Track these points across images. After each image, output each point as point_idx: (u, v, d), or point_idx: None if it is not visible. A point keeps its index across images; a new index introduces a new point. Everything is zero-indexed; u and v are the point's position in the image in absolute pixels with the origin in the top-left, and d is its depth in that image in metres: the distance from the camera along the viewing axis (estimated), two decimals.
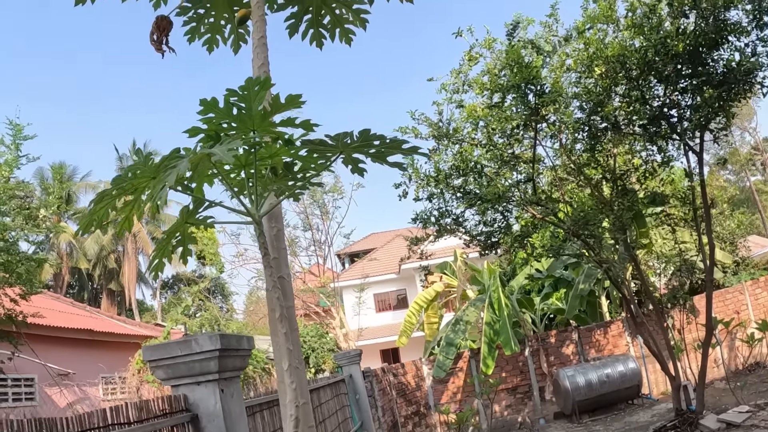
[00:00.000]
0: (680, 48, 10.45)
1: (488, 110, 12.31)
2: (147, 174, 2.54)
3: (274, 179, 2.77)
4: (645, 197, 13.71)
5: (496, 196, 11.87)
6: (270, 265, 2.61)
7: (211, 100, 2.40)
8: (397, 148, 2.64)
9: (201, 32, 5.83)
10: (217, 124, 2.49)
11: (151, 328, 23.39)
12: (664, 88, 11.43)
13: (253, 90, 2.41)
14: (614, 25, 11.88)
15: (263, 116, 2.46)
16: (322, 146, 2.57)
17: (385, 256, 33.81)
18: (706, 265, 12.51)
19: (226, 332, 22.97)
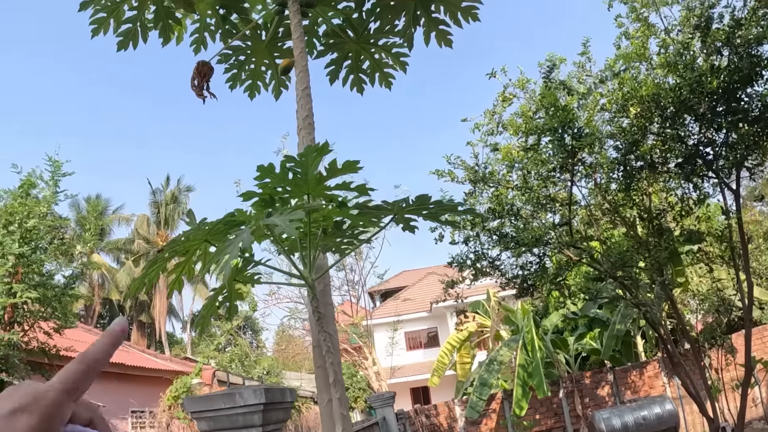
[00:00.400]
0: (714, 85, 10.35)
1: (524, 152, 12.26)
2: (199, 236, 2.53)
3: (323, 237, 2.74)
4: (680, 235, 13.50)
5: (533, 240, 11.76)
6: (324, 329, 2.56)
7: (267, 166, 2.39)
8: (453, 210, 2.60)
9: (242, 79, 5.90)
10: (272, 188, 2.47)
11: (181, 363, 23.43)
12: (699, 125, 11.31)
13: (311, 156, 2.40)
14: (647, 62, 11.82)
15: (319, 180, 2.45)
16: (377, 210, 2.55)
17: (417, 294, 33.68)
18: (744, 303, 12.22)
19: (271, 384, 22.99)
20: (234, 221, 2.38)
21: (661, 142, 11.56)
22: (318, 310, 2.63)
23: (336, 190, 2.57)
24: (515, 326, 19.92)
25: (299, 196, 2.53)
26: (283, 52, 5.96)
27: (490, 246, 13.24)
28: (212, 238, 2.51)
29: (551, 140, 11.39)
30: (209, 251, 2.74)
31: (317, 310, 2.62)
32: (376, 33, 5.57)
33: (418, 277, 37.04)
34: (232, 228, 2.44)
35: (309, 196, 2.52)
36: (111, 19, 5.54)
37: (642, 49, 11.64)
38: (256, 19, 6.02)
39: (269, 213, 2.36)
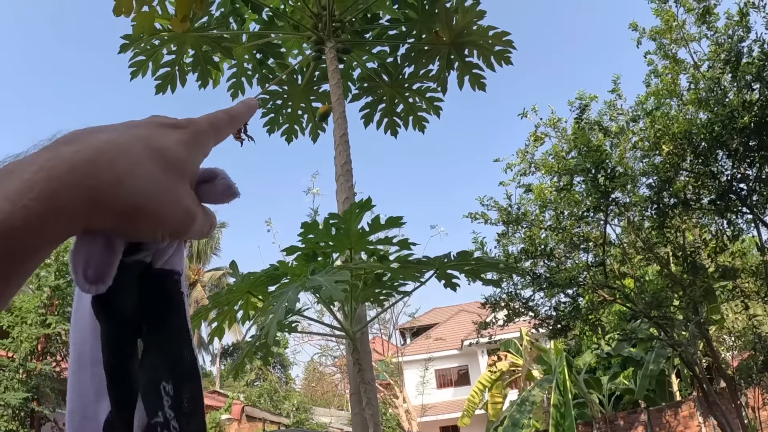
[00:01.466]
0: (746, 120, 10.27)
1: (556, 193, 12.22)
2: (242, 288, 2.58)
3: (363, 288, 2.77)
4: (715, 272, 13.27)
5: (566, 280, 11.65)
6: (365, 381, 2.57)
7: (312, 223, 2.43)
8: (494, 268, 2.61)
9: (280, 122, 6.01)
10: (314, 243, 2.51)
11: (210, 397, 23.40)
12: (732, 161, 11.20)
13: (354, 213, 2.43)
14: (678, 99, 11.78)
15: (361, 236, 2.48)
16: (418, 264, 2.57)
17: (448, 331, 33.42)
18: None
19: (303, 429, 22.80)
20: (277, 274, 2.42)
21: (694, 179, 11.45)
22: (359, 363, 2.64)
23: (378, 245, 2.60)
24: (548, 366, 19.65)
25: (341, 250, 2.56)
26: (319, 95, 6.08)
27: (523, 286, 13.12)
28: (255, 290, 2.56)
29: (584, 180, 11.33)
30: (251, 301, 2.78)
31: (358, 362, 2.64)
32: (410, 77, 5.66)
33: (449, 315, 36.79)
34: (274, 281, 2.48)
35: (351, 251, 2.56)
36: (150, 62, 5.71)
37: (672, 86, 11.60)
38: (292, 64, 6.16)
39: (313, 270, 2.39)
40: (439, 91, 5.70)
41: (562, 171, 11.91)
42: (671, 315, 12.21)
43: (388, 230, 2.61)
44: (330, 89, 4.87)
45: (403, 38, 5.62)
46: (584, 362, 20.11)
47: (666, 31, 11.64)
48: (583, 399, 18.53)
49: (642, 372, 17.72)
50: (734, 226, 12.07)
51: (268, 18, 5.96)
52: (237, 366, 3.31)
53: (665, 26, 11.60)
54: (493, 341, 14.19)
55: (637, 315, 12.44)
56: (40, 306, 11.63)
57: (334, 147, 4.20)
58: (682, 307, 12.37)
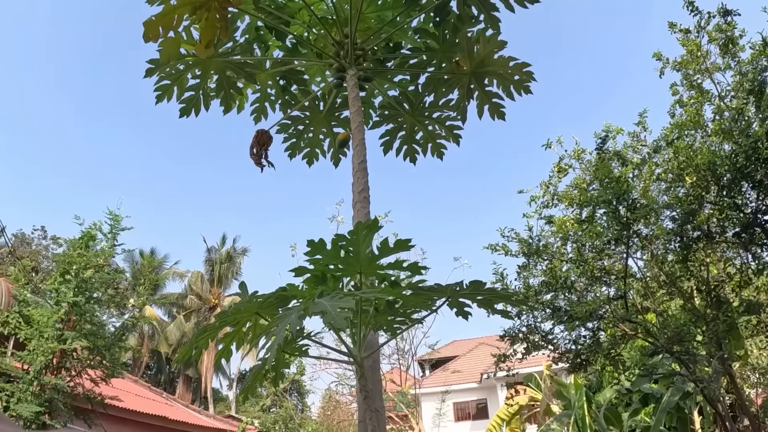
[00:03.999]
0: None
1: (578, 225, 12.14)
2: (250, 309, 2.58)
3: (375, 315, 2.76)
4: (739, 306, 13.02)
5: (587, 314, 11.52)
6: (371, 408, 2.56)
7: (318, 242, 2.44)
8: (506, 299, 2.60)
9: (301, 147, 6.09)
10: (324, 265, 2.52)
11: (225, 422, 23.38)
12: (756, 192, 11.03)
13: (361, 234, 2.44)
14: (702, 130, 11.68)
15: (371, 260, 2.48)
16: (430, 291, 2.57)
17: (467, 364, 33.20)
18: None
19: None
20: (285, 296, 2.43)
21: (718, 211, 11.29)
22: (366, 389, 2.63)
23: (388, 269, 2.60)
24: (567, 401, 19.34)
25: (351, 274, 2.56)
26: (340, 121, 6.14)
27: (542, 319, 12.98)
28: (263, 311, 2.56)
29: (606, 212, 11.25)
30: (259, 322, 2.79)
31: (365, 389, 2.62)
32: (430, 106, 5.70)
33: (468, 348, 36.58)
34: (282, 302, 2.49)
35: (361, 275, 2.56)
36: (175, 87, 5.81)
37: (697, 117, 11.52)
38: (315, 90, 6.24)
39: (321, 293, 2.40)
40: (459, 119, 5.73)
41: (583, 203, 11.84)
42: (694, 350, 11.99)
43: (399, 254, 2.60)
44: (350, 116, 4.92)
45: (424, 67, 5.67)
46: (604, 398, 19.74)
47: (691, 62, 11.60)
48: None
49: (660, 407, 17.36)
50: (759, 259, 11.87)
51: (291, 45, 6.06)
52: (247, 389, 3.31)
53: (690, 56, 11.56)
54: (513, 374, 13.99)
55: (659, 350, 12.22)
56: (58, 321, 11.74)
57: (353, 174, 4.23)
58: (705, 342, 12.14)
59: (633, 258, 12.90)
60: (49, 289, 12.35)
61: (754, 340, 16.69)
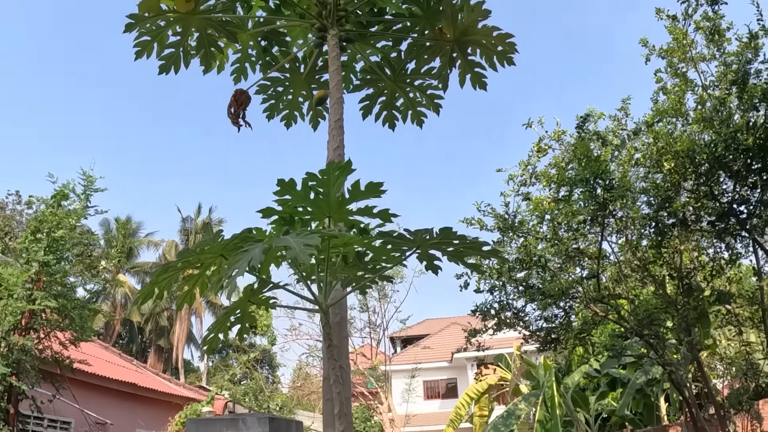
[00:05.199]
0: (750, 142, 10.19)
1: (554, 204, 12.19)
2: (215, 251, 2.51)
3: (343, 267, 2.71)
4: (710, 296, 13.20)
5: (559, 292, 11.60)
6: (333, 357, 2.52)
7: (288, 181, 2.38)
8: (477, 250, 2.55)
9: (279, 109, 6.01)
10: (292, 207, 2.46)
11: (195, 391, 23.31)
12: (733, 183, 11.12)
13: (333, 175, 2.38)
14: (683, 118, 11.73)
15: (341, 203, 2.43)
16: (399, 240, 2.52)
17: (439, 343, 33.44)
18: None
19: (271, 409, 22.59)
20: (251, 237, 2.37)
21: (695, 200, 11.39)
22: (330, 338, 2.59)
23: (358, 215, 2.54)
24: (536, 381, 19.56)
25: (320, 218, 2.51)
26: (320, 84, 6.06)
27: (515, 297, 13.08)
28: (228, 254, 2.49)
29: (583, 191, 11.31)
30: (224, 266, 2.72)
31: (329, 337, 2.58)
32: (412, 73, 5.64)
33: (441, 326, 36.81)
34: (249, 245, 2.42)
35: (330, 220, 2.51)
36: (155, 43, 5.69)
37: (678, 105, 11.56)
38: (295, 52, 6.15)
39: (286, 232, 2.34)
40: (440, 88, 5.69)
41: (561, 182, 11.89)
42: (663, 335, 12.14)
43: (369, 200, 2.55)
44: (329, 75, 4.85)
45: (407, 33, 5.60)
46: (573, 381, 20.01)
47: (677, 50, 11.61)
48: (570, 417, 18.40)
49: (627, 391, 17.62)
50: (732, 250, 11.99)
51: (274, 6, 5.95)
52: (211, 341, 3.25)
53: (676, 44, 11.57)
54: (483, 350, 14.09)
55: (629, 334, 12.38)
56: (28, 281, 11.53)
57: (329, 131, 4.17)
58: (675, 328, 12.30)
59: (608, 241, 13.00)
60: (20, 247, 12.14)
61: (723, 330, 16.96)
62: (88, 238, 14.16)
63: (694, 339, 12.42)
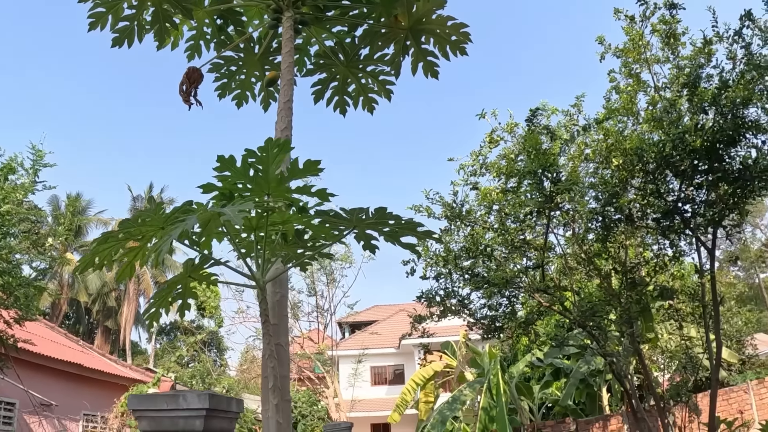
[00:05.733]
0: (698, 144, 10.48)
1: (503, 194, 12.37)
2: (156, 223, 2.52)
3: (283, 245, 2.74)
4: (654, 291, 13.57)
5: (503, 281, 11.79)
6: (269, 333, 2.56)
7: (228, 158, 2.40)
8: (412, 231, 2.61)
9: (232, 88, 5.97)
10: (232, 184, 2.48)
11: (141, 373, 23.06)
12: (679, 182, 11.43)
13: (272, 152, 2.41)
14: (634, 117, 12.00)
15: (279, 181, 2.46)
16: (336, 219, 2.56)
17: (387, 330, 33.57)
18: (711, 363, 12.26)
19: (217, 392, 22.43)
20: (191, 210, 2.38)
21: (641, 197, 11.67)
22: (266, 314, 2.62)
23: (297, 194, 2.58)
24: (481, 369, 19.87)
25: (260, 195, 2.53)
26: (274, 65, 6.04)
27: (461, 284, 13.27)
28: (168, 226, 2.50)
29: (530, 183, 11.50)
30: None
31: (265, 313, 2.62)
32: (365, 59, 5.67)
33: (389, 313, 36.95)
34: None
35: (269, 197, 2.54)
36: (109, 15, 5.60)
37: (630, 104, 11.81)
38: (251, 32, 6.11)
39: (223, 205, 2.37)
40: (392, 74, 5.73)
41: (510, 174, 12.07)
42: (606, 327, 12.44)
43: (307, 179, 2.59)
44: (282, 56, 4.85)
45: (363, 19, 5.62)
46: (518, 370, 20.42)
47: (632, 51, 11.83)
48: (514, 405, 18.77)
49: (570, 381, 18.07)
50: (676, 247, 12.33)
51: None
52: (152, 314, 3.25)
53: (632, 45, 11.78)
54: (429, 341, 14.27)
55: (573, 325, 12.66)
56: None
57: (277, 112, 4.18)
58: (618, 321, 12.62)
59: (555, 234, 13.25)
60: None
61: (665, 325, 17.46)
62: (35, 214, 13.85)
63: (636, 332, 12.77)
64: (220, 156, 2.42)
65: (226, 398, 4.05)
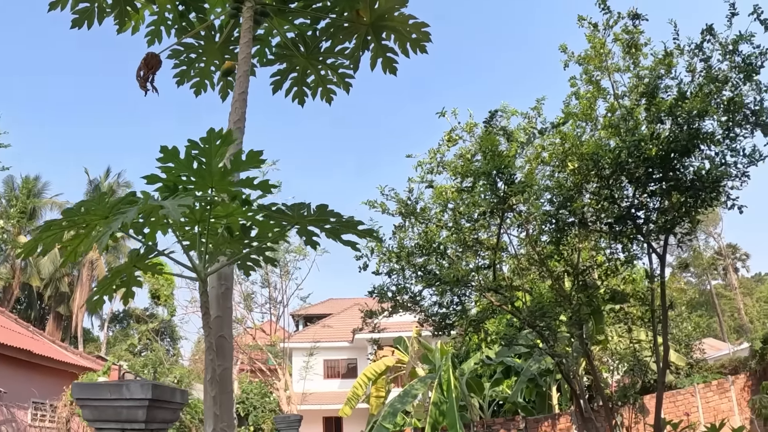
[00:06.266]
0: (653, 152, 10.69)
1: (458, 194, 12.46)
2: (100, 212, 2.50)
3: (228, 239, 2.74)
4: (605, 294, 13.82)
5: (455, 279, 11.90)
6: (209, 326, 2.56)
7: (171, 149, 2.38)
8: (353, 229, 2.63)
9: (191, 76, 5.91)
10: (176, 176, 2.47)
11: (92, 360, 22.64)
12: (633, 189, 11.66)
13: (214, 144, 2.40)
14: (592, 123, 12.19)
15: (223, 174, 2.45)
16: (278, 214, 2.56)
17: (340, 323, 33.54)
18: (659, 366, 12.55)
19: (168, 382, 22.19)
20: (135, 201, 2.37)
21: (596, 201, 11.88)
22: (206, 306, 2.62)
23: (240, 186, 2.58)
24: (433, 365, 20.04)
25: (203, 188, 2.53)
26: (234, 55, 5.99)
27: (413, 281, 13.35)
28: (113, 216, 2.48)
29: (485, 184, 11.61)
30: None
31: (205, 306, 2.61)
32: (325, 51, 5.67)
33: (343, 307, 36.88)
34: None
35: (212, 190, 2.53)
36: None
37: (589, 110, 12.00)
38: (212, 20, 6.04)
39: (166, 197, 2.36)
40: (351, 68, 5.75)
41: (466, 173, 12.18)
42: (555, 328, 12.64)
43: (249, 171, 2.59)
44: (239, 47, 4.83)
45: (326, 13, 5.62)
46: (469, 367, 20.65)
47: (593, 58, 12.00)
48: (464, 402, 18.97)
49: (521, 379, 18.35)
50: (628, 251, 12.58)
51: None
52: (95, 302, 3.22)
53: (594, 53, 11.94)
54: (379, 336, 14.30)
55: (523, 325, 12.82)
56: None
57: (231, 103, 4.16)
58: (568, 322, 12.84)
59: (508, 235, 13.41)
60: None
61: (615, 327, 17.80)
62: None
63: (586, 334, 13.01)
64: (164, 147, 2.41)
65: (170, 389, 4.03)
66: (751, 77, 10.37)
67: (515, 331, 13.72)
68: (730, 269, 56.93)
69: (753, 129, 10.62)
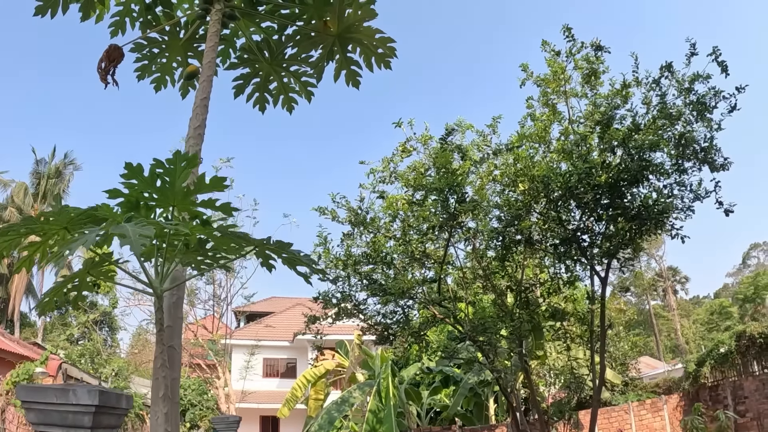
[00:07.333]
0: (603, 179, 10.96)
1: (408, 206, 12.55)
2: (59, 223, 2.47)
3: (184, 252, 2.73)
4: (546, 311, 14.10)
5: (400, 291, 11.99)
6: (162, 341, 2.54)
7: (136, 166, 2.37)
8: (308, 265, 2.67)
9: (152, 71, 5.82)
10: (138, 192, 2.45)
11: (29, 348, 21.89)
12: (581, 213, 11.93)
13: (179, 165, 2.40)
14: (545, 145, 12.40)
15: (185, 194, 2.45)
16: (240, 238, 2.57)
17: (282, 322, 33.33)
18: (594, 384, 12.86)
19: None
20: (97, 216, 2.35)
21: (543, 221, 12.12)
22: (161, 322, 2.61)
23: (202, 207, 2.58)
24: (373, 371, 20.12)
25: (165, 206, 2.52)
26: (197, 53, 5.93)
27: (358, 289, 13.39)
28: (72, 228, 2.46)
29: (436, 199, 11.73)
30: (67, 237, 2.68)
31: (160, 322, 2.61)
32: (290, 59, 5.66)
33: (285, 306, 36.67)
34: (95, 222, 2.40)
35: (174, 209, 2.52)
36: None
37: (544, 133, 12.22)
38: (179, 16, 5.96)
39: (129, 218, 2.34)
40: (314, 77, 5.76)
41: (417, 187, 12.29)
42: (496, 342, 12.85)
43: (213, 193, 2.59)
44: (205, 51, 4.79)
45: (294, 20, 5.60)
46: (408, 375, 20.79)
47: (552, 82, 12.19)
48: (402, 409, 19.09)
49: (459, 390, 18.57)
50: (571, 272, 12.88)
51: None
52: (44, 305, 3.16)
53: (553, 77, 12.13)
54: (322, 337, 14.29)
55: (464, 338, 13.00)
56: None
57: (193, 108, 4.14)
58: (509, 337, 13.07)
59: (455, 248, 13.56)
60: None
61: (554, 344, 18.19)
62: None
63: (525, 349, 13.26)
64: (128, 164, 2.40)
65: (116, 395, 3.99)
66: (704, 115, 10.73)
67: (456, 344, 13.88)
68: (669, 291, 58.73)
69: (701, 165, 11.00)
